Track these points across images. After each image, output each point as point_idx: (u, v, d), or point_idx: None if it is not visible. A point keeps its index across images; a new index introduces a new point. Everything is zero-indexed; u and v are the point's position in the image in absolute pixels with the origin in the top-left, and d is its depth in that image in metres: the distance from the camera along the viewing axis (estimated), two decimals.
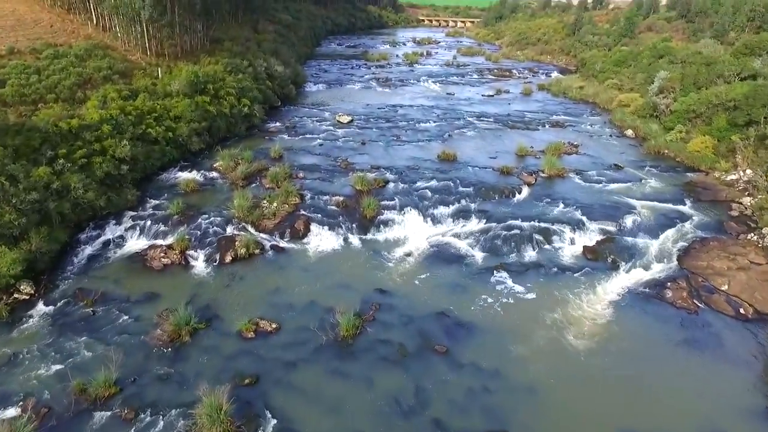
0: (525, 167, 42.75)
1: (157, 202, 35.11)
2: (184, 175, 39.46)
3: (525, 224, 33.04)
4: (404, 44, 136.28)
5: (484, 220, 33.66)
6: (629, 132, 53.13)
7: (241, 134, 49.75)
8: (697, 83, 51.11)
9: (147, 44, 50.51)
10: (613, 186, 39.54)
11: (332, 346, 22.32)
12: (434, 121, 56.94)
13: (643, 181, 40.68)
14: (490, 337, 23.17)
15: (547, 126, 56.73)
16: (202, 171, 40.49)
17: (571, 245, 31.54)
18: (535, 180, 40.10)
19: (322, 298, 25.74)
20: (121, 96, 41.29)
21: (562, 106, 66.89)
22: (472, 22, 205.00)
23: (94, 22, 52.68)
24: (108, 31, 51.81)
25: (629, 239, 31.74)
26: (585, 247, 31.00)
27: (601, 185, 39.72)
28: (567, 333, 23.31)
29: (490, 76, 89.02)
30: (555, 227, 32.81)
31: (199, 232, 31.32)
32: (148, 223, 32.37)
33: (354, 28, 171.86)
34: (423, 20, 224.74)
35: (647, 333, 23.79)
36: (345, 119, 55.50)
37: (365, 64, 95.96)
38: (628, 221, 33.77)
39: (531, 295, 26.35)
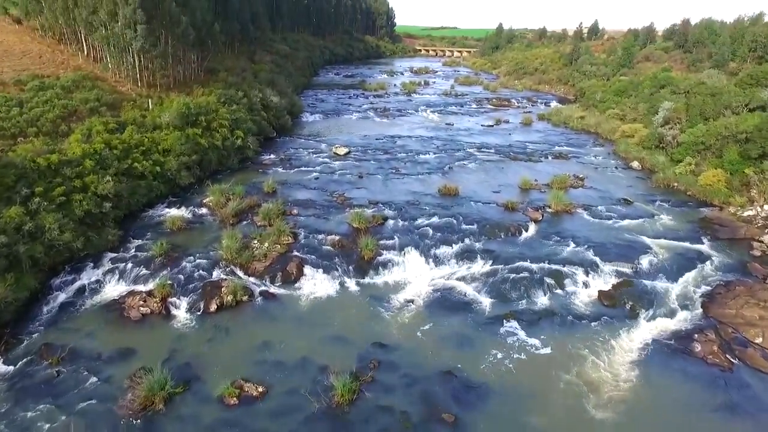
0: (530, 202, 40.79)
1: (141, 242, 32.82)
2: (172, 212, 37.32)
3: (534, 266, 30.82)
4: (402, 74, 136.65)
5: (490, 262, 31.43)
6: (635, 164, 51.48)
7: (233, 167, 47.86)
8: (703, 114, 49.78)
9: (138, 75, 49.07)
10: (624, 222, 37.50)
11: (326, 415, 19.72)
12: (434, 153, 55.30)
13: (655, 216, 38.68)
14: (501, 404, 20.62)
15: (549, 157, 55.12)
16: (190, 207, 38.37)
17: (585, 289, 29.25)
18: (542, 216, 38.06)
19: (315, 354, 23.23)
20: (108, 129, 39.48)
21: (564, 136, 65.56)
22: (469, 51, 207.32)
23: (85, 53, 51.41)
24: (99, 62, 50.45)
25: (647, 283, 29.48)
26: (600, 292, 28.70)
27: (611, 222, 37.68)
28: (586, 400, 20.76)
29: (489, 106, 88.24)
30: (566, 269, 30.59)
31: (182, 277, 28.94)
32: (129, 265, 30.01)
33: (352, 58, 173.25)
34: (420, 50, 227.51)
35: (677, 397, 21.27)
36: (342, 151, 53.80)
37: (363, 94, 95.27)
38: (645, 262, 31.59)
39: (545, 350, 23.89)
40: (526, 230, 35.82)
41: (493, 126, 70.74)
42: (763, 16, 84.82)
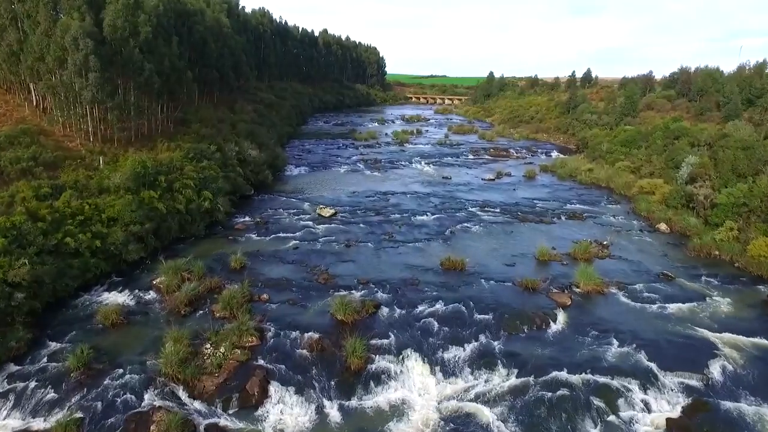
0: (553, 279, 33.77)
1: (58, 345, 25.15)
2: (110, 298, 29.84)
3: (574, 378, 23.47)
4: (393, 122, 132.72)
5: (516, 371, 24.02)
6: (662, 226, 45.08)
7: (199, 234, 40.65)
8: (736, 170, 44.02)
9: (91, 129, 42.57)
10: (672, 308, 30.47)
11: None
12: (432, 213, 48.67)
13: (707, 299, 31.74)
14: None
15: (563, 217, 48.69)
16: (135, 291, 30.89)
17: (646, 415, 21.81)
18: (570, 300, 30.97)
19: None
20: (39, 194, 32.47)
21: (574, 191, 59.57)
22: (460, 99, 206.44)
23: (34, 103, 45.08)
24: (47, 113, 44.07)
25: (729, 405, 22.12)
26: (669, 421, 21.27)
27: (655, 307, 30.64)
28: None
29: (487, 156, 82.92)
30: (616, 382, 23.25)
31: (100, 405, 21.16)
32: (32, 385, 22.26)
33: (342, 106, 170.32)
34: (411, 98, 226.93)
35: None
36: (327, 212, 47.02)
37: (352, 144, 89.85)
38: (716, 370, 24.37)
39: None
40: (554, 320, 28.63)
41: (494, 180, 64.80)
42: (766, 65, 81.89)
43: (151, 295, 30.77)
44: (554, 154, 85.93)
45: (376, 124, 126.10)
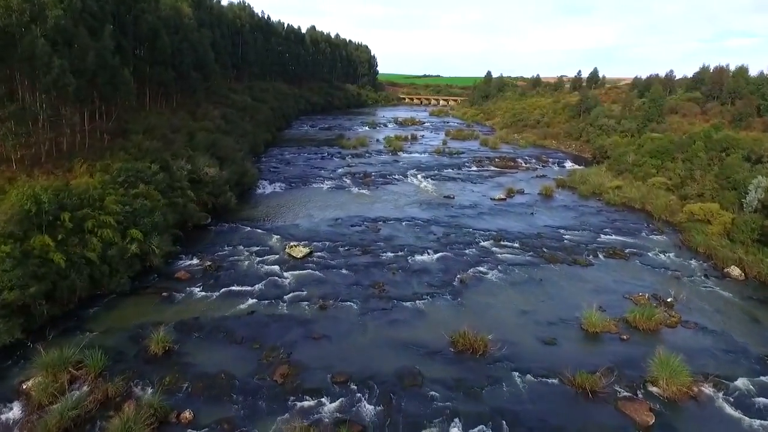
0: (616, 369, 23.28)
1: None
2: None
3: None
4: (385, 125, 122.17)
5: None
6: (734, 271, 34.83)
7: (121, 290, 29.80)
8: None
9: None
10: None
11: None
12: (434, 250, 38.16)
13: None
14: None
15: (600, 255, 38.38)
16: None
17: None
18: (651, 413, 20.50)
19: None
20: None
21: (603, 216, 49.30)
22: (456, 100, 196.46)
23: None
24: None
25: None
26: None
27: None
28: None
29: (492, 168, 72.64)
30: None
31: None
32: None
33: (331, 107, 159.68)
34: (404, 98, 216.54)
35: None
36: (300, 252, 36.36)
37: (339, 153, 79.12)
38: None
39: None
40: None
41: (505, 199, 54.41)
42: None
43: (14, 410, 20.03)
44: (568, 164, 75.88)
45: (367, 128, 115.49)
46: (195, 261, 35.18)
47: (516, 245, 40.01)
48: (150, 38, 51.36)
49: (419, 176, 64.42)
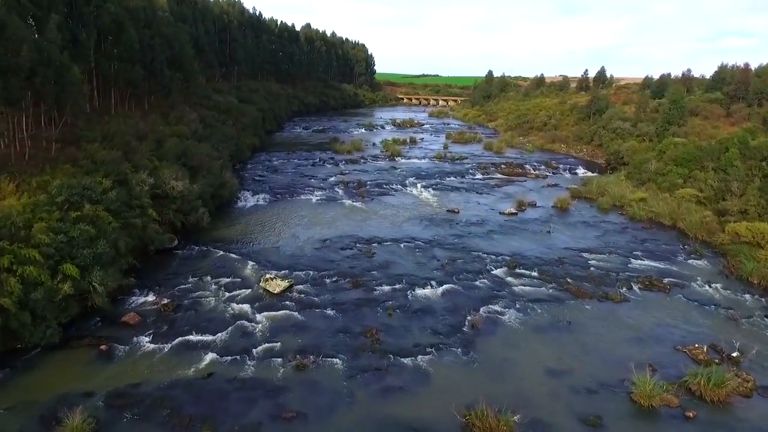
0: None
1: None
2: None
3: None
4: (383, 127, 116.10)
5: None
6: None
7: (48, 342, 23.57)
8: None
9: None
10: None
11: None
12: (438, 282, 32.09)
13: None
14: None
15: (635, 287, 32.37)
16: None
17: None
18: None
19: None
20: None
21: (629, 234, 43.32)
22: (455, 100, 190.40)
23: None
24: None
25: None
26: None
27: None
28: None
29: (499, 175, 66.62)
30: None
31: None
32: None
33: (326, 108, 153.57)
34: (402, 98, 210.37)
35: None
36: (277, 286, 30.28)
37: (332, 158, 73.02)
38: None
39: None
40: None
41: (516, 214, 48.37)
42: None
43: None
44: (580, 171, 69.92)
45: (363, 130, 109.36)
46: (150, 298, 29.12)
47: (534, 274, 33.98)
48: (113, 32, 45.20)
49: (419, 186, 58.36)
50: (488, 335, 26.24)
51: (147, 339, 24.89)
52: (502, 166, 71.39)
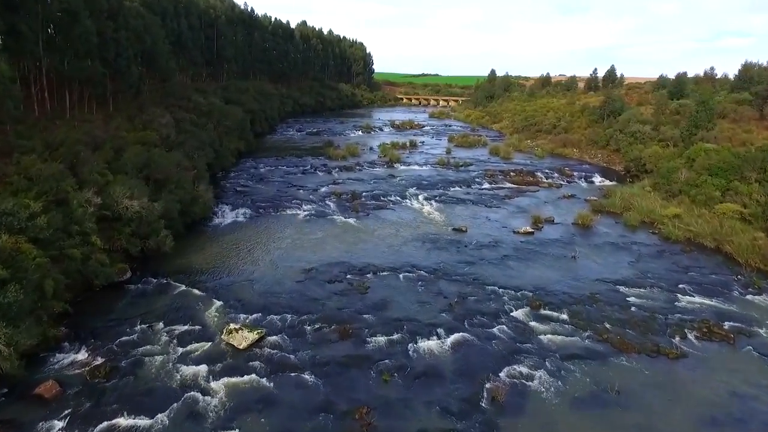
0: None
1: None
2: None
3: None
4: (381, 129, 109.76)
5: None
6: None
7: None
8: None
9: None
10: None
11: None
12: (446, 330, 25.79)
13: None
14: None
15: (690, 336, 26.10)
16: None
17: None
18: None
19: None
20: None
21: (667, 258, 37.01)
22: (456, 101, 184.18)
23: None
24: None
25: None
26: None
27: None
28: None
29: (509, 184, 60.34)
30: None
31: None
32: None
33: (322, 108, 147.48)
34: (401, 99, 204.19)
35: None
36: (243, 339, 23.94)
37: (325, 165, 66.65)
38: None
39: None
40: None
41: (533, 233, 42.07)
42: None
43: None
44: (597, 179, 63.63)
45: (360, 132, 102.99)
46: (81, 356, 22.85)
47: (564, 317, 27.68)
48: (64, 24, 38.88)
49: (420, 197, 52.03)
50: (515, 413, 19.95)
51: (61, 424, 18.61)
52: (512, 173, 65.07)
